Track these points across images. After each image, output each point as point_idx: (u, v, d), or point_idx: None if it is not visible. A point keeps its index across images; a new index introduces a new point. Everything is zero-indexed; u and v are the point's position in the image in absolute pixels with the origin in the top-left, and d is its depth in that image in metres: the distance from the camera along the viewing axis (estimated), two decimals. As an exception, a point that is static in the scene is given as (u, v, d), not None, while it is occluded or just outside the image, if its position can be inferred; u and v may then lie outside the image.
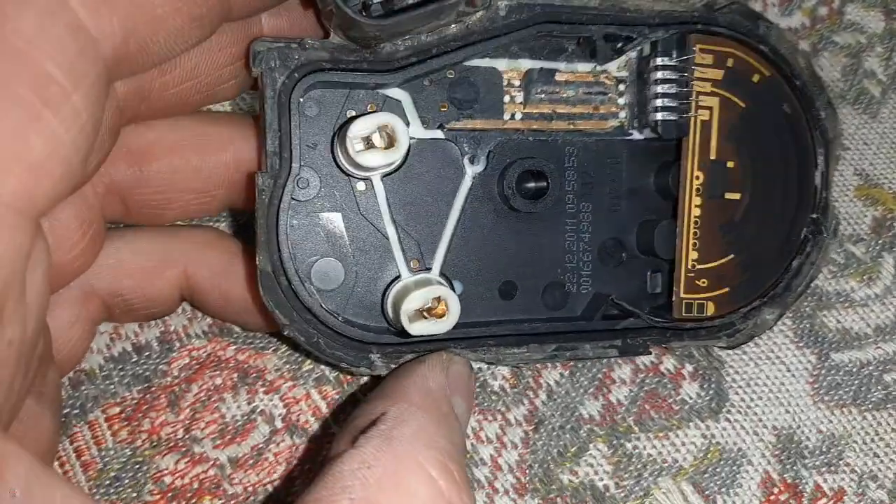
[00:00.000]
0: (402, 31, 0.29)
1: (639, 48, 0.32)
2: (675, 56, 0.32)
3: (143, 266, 0.31)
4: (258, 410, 0.34)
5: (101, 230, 0.29)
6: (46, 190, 0.22)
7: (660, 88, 0.32)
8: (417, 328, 0.30)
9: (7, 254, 0.21)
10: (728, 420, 0.36)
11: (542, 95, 0.33)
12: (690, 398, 0.36)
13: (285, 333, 0.30)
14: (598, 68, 0.33)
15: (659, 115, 0.32)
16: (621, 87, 0.33)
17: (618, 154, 0.34)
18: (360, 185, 0.31)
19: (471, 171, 0.32)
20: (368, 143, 0.29)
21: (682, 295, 0.32)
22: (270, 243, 0.29)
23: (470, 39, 0.30)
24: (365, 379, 0.34)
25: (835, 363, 0.38)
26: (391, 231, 0.31)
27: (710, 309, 0.32)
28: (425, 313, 0.30)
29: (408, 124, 0.31)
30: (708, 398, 0.36)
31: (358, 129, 0.29)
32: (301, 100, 0.29)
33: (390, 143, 0.29)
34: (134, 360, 0.34)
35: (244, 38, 0.30)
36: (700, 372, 0.36)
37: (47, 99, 0.22)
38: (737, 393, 0.37)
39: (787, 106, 0.33)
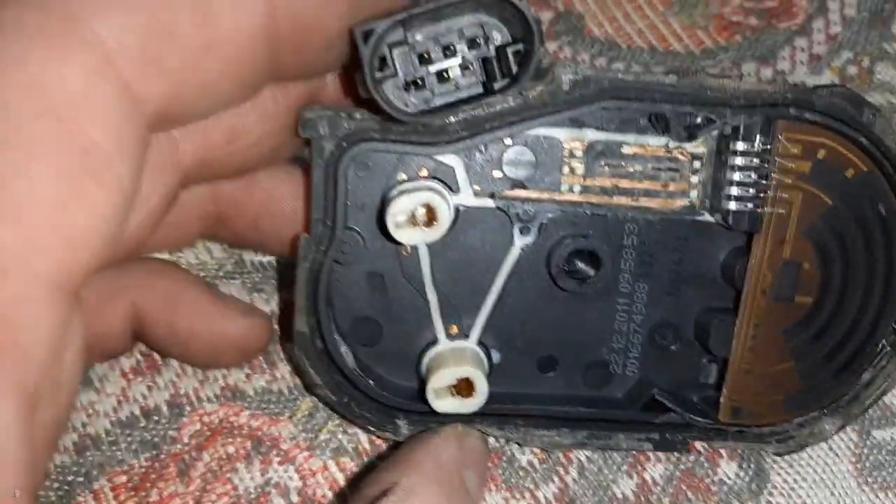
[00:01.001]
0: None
1: (717, 130, 0.31)
2: (757, 143, 0.30)
3: (91, 300, 0.30)
4: (272, 482, 0.35)
5: None
6: (86, 264, 0.23)
7: (737, 175, 0.30)
8: (444, 405, 0.31)
9: (46, 333, 0.22)
10: (769, 503, 0.35)
11: (606, 168, 0.32)
12: (729, 478, 0.36)
13: (315, 393, 0.32)
14: (672, 144, 0.32)
15: (732, 205, 0.31)
16: (696, 164, 0.32)
17: (683, 235, 0.33)
18: (405, 249, 0.32)
19: (520, 242, 0.32)
20: (411, 217, 0.30)
21: (731, 398, 0.32)
22: (309, 305, 0.31)
23: (528, 114, 0.30)
24: (384, 446, 0.35)
25: (876, 441, 0.36)
26: (432, 296, 0.32)
27: (761, 417, 0.32)
28: (453, 390, 0.31)
29: (458, 191, 0.31)
30: (748, 479, 0.36)
31: (399, 208, 0.30)
32: (350, 166, 0.30)
33: (432, 219, 0.30)
34: (142, 424, 0.35)
35: (308, 101, 0.31)
36: (739, 451, 0.36)
37: (91, 167, 0.23)
38: (778, 474, 0.36)
39: (883, 206, 0.31)
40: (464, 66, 0.30)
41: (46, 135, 0.22)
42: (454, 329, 0.33)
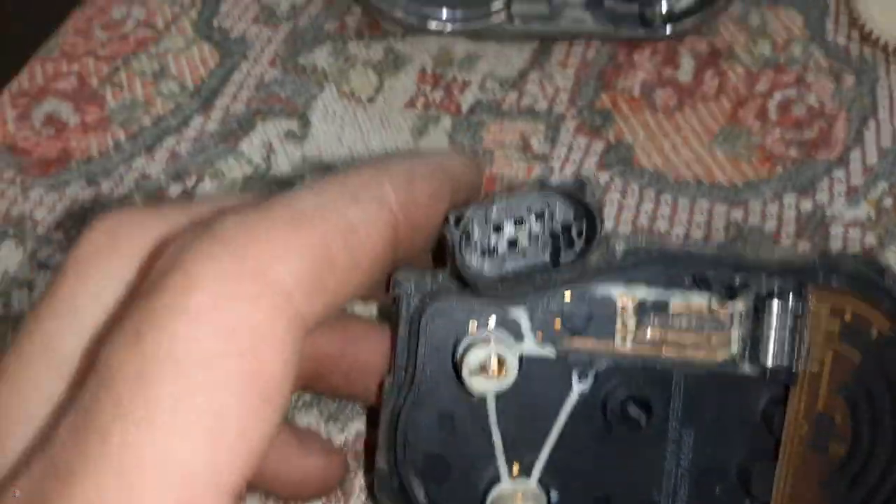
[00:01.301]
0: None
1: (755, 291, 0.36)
2: (790, 303, 0.35)
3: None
4: None
5: None
6: (249, 474, 0.27)
7: (772, 333, 0.36)
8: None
9: None
10: None
11: (655, 322, 0.37)
12: None
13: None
14: (714, 303, 0.37)
15: (769, 361, 0.36)
16: (736, 321, 0.37)
17: (727, 385, 0.37)
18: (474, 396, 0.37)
19: (577, 388, 0.37)
20: (482, 366, 0.36)
21: (773, 545, 0.36)
22: (389, 443, 0.36)
23: (586, 277, 0.36)
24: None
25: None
26: (497, 438, 0.37)
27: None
28: (512, 535, 0.36)
29: (522, 340, 0.37)
30: None
31: (472, 359, 0.35)
32: (431, 319, 0.36)
33: (502, 369, 0.36)
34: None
35: None
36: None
37: (267, 394, 0.26)
38: None
39: None
40: (532, 236, 0.36)
41: (231, 369, 0.26)
42: (516, 468, 0.38)
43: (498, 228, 0.36)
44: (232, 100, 0.58)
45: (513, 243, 0.37)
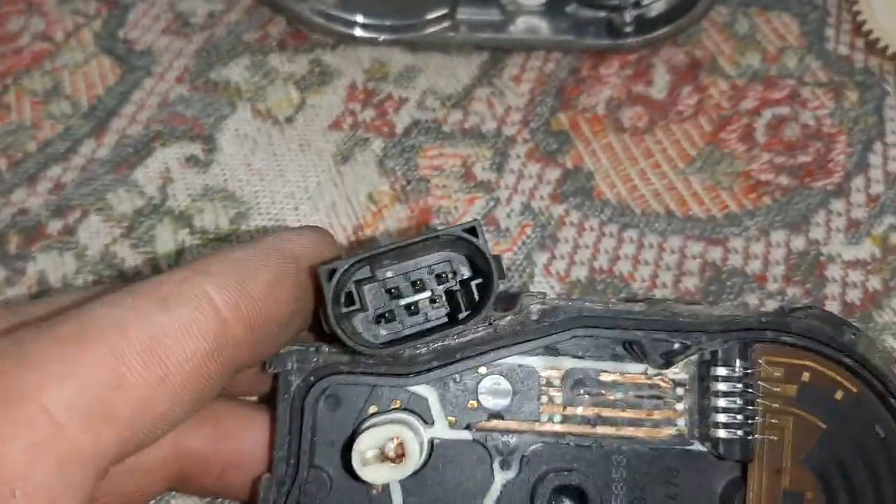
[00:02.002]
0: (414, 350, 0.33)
1: (696, 355, 0.34)
2: (738, 367, 0.34)
3: None
4: None
5: None
6: None
7: (721, 402, 0.34)
8: None
9: None
10: None
11: (586, 397, 0.35)
12: None
13: None
14: (651, 371, 0.34)
15: (721, 433, 0.34)
16: (679, 390, 0.35)
17: (675, 466, 0.35)
18: (376, 487, 0.34)
19: (500, 477, 0.35)
20: (381, 453, 0.33)
21: None
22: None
23: (499, 343, 0.34)
24: None
25: None
26: (407, 542, 0.34)
27: None
28: None
29: (433, 423, 0.34)
30: None
31: (365, 444, 0.33)
32: (318, 400, 0.34)
33: (402, 454, 0.33)
34: None
35: None
36: None
37: None
38: None
39: (880, 427, 0.34)
40: (432, 300, 0.35)
41: None
42: (430, 580, 0.35)
43: (393, 294, 0.35)
44: (129, 122, 0.56)
45: (411, 308, 0.35)
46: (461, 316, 0.34)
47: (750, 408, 0.33)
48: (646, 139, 0.55)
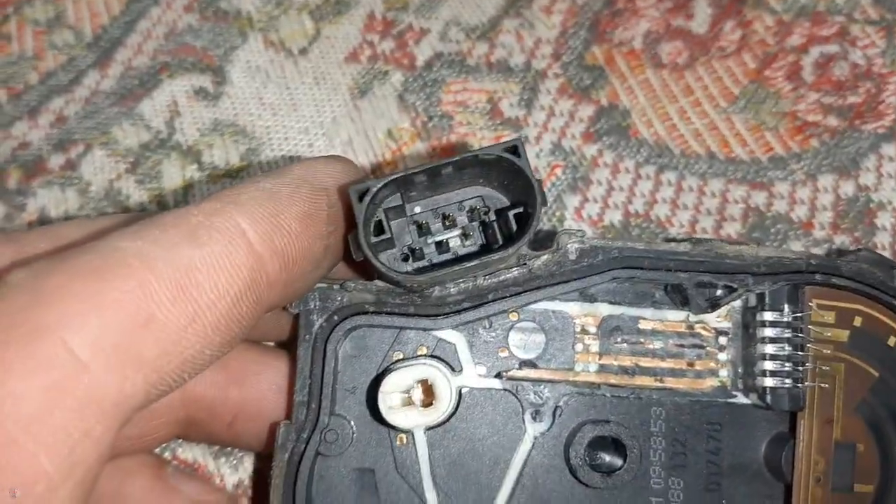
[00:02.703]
0: (445, 282, 0.31)
1: (742, 298, 0.32)
2: (786, 312, 0.33)
3: None
4: None
5: None
6: None
7: (769, 349, 0.33)
8: None
9: None
10: None
11: (624, 345, 0.33)
12: None
13: None
14: (693, 318, 0.33)
15: (768, 381, 0.33)
16: (722, 339, 0.34)
17: (718, 420, 0.34)
18: (400, 438, 0.33)
19: (532, 429, 0.34)
20: (407, 398, 0.31)
21: None
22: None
23: (533, 284, 0.32)
24: None
25: None
26: (431, 496, 0.34)
27: None
28: None
29: (461, 371, 0.33)
30: None
31: (391, 385, 0.32)
32: (341, 342, 0.32)
33: (430, 398, 0.31)
34: None
35: None
36: None
37: (35, 496, 0.24)
38: None
39: None
40: (465, 234, 0.34)
41: None
42: (458, 535, 0.34)
43: (422, 230, 0.34)
44: (135, 52, 0.55)
45: (441, 245, 0.34)
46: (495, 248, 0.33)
47: (800, 353, 0.32)
48: (686, 76, 0.53)
